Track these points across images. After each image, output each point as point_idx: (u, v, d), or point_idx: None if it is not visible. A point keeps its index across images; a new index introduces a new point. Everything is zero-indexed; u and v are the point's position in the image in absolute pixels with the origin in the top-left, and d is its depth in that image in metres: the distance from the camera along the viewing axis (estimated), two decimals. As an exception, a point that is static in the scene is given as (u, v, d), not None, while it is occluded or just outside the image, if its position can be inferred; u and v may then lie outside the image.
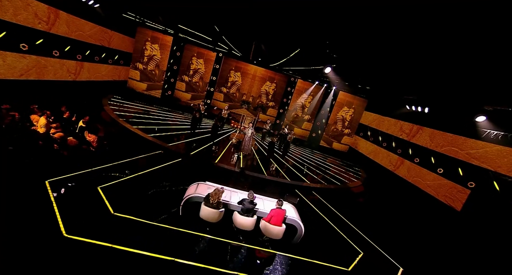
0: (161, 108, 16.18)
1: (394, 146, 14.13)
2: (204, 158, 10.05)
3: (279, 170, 11.35)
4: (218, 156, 10.67)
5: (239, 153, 11.29)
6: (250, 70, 18.72)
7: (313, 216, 8.19)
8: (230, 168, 9.88)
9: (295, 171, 11.86)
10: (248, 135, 10.97)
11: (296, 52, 10.96)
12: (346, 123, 18.43)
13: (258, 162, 11.62)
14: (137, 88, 16.76)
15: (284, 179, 10.46)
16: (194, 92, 18.23)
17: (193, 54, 17.49)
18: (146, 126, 11.40)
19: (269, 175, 10.33)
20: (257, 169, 10.72)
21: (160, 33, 15.97)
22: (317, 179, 11.66)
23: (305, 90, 18.70)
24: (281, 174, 10.91)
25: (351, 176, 13.90)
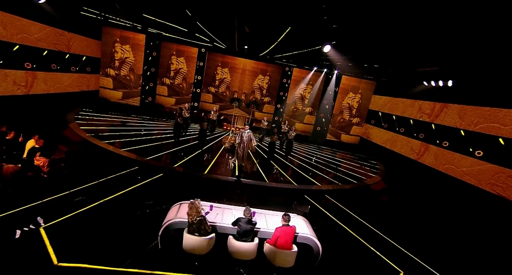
0: (141, 117, 14.98)
1: (414, 131, 12.83)
2: (191, 170, 8.81)
3: (283, 174, 10.09)
4: (208, 166, 9.42)
5: (234, 159, 10.05)
6: (238, 64, 17.53)
7: (330, 226, 6.90)
8: (223, 178, 8.63)
9: (302, 173, 10.59)
10: (243, 139, 9.69)
11: (287, 32, 9.72)
12: (353, 111, 17.14)
13: (258, 167, 10.37)
14: (111, 97, 15.58)
15: (290, 185, 9.19)
16: (178, 95, 17.04)
17: (171, 53, 16.32)
18: (121, 140, 10.20)
19: (271, 182, 9.08)
20: (257, 175, 9.46)
21: (129, 32, 14.83)
22: (328, 179, 10.38)
23: (303, 79, 17.47)
24: (286, 178, 9.65)
25: (367, 171, 12.60)
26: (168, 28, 12.66)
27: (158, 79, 16.45)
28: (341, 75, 16.56)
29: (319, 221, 6.86)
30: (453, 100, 10.69)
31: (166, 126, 13.94)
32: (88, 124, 11.16)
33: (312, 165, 12.03)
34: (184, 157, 9.77)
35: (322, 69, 16.58)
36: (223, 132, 15.95)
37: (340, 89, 16.77)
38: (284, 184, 9.17)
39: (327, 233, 6.38)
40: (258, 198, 7.92)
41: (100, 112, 13.66)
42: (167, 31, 13.92)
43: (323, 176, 10.77)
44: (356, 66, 13.20)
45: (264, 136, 14.83)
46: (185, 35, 14.10)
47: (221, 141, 13.11)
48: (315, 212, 7.50)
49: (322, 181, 10.14)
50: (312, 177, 10.24)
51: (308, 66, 16.79)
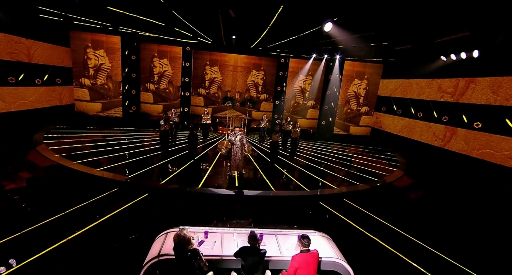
0: (125, 129, 13.82)
1: (435, 114, 11.62)
2: (181, 186, 7.62)
3: (291, 178, 8.89)
4: (203, 178, 8.23)
5: (232, 168, 8.87)
6: (229, 61, 16.41)
7: (357, 239, 5.69)
8: (220, 192, 7.44)
9: (312, 175, 9.39)
10: (236, 144, 8.52)
11: (280, 13, 8.56)
12: (361, 99, 15.95)
13: (261, 173, 9.17)
14: (89, 110, 14.43)
15: (301, 191, 8.00)
16: (166, 101, 15.90)
17: (153, 55, 15.21)
18: (98, 157, 9.04)
19: (278, 190, 7.88)
20: (261, 183, 8.26)
21: (102, 34, 13.71)
22: (342, 179, 9.19)
23: (301, 70, 16.31)
24: (295, 183, 8.46)
25: (385, 165, 11.37)
26: (142, 25, 11.54)
27: (141, 85, 15.31)
28: (344, 60, 15.40)
29: (342, 236, 5.65)
30: (481, 73, 9.49)
31: (154, 137, 12.77)
32: (60, 143, 9.99)
33: (322, 165, 10.82)
34: (174, 170, 8.59)
35: (322, 56, 15.42)
36: (219, 137, 14.79)
37: (344, 76, 15.59)
38: (294, 191, 7.97)
39: (354, 248, 5.16)
40: (265, 212, 6.74)
41: (76, 128, 12.50)
42: (142, 29, 12.79)
43: (336, 175, 9.57)
44: (362, 46, 11.98)
45: (265, 137, 13.62)
46: (164, 32, 12.97)
47: (216, 147, 11.92)
48: (335, 223, 6.32)
49: (336, 181, 8.95)
50: (324, 178, 9.05)
51: (306, 55, 15.64)
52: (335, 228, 5.91)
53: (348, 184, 8.85)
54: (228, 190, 7.58)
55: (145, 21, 10.91)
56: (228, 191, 7.55)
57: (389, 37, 9.80)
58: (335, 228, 5.91)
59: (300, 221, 6.27)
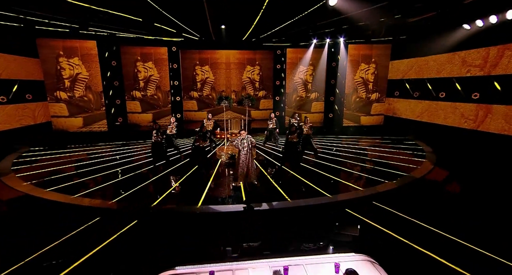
0: (111, 144, 12.34)
1: (461, 92, 10.21)
2: (177, 207, 6.17)
3: (307, 183, 7.45)
4: (202, 193, 6.77)
5: (237, 180, 7.40)
6: (220, 58, 15.02)
7: (407, 257, 4.27)
8: (225, 209, 6.01)
9: (330, 175, 7.96)
10: (244, 150, 7.07)
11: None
12: (370, 86, 14.51)
13: (272, 181, 7.71)
14: (69, 127, 12.93)
15: (322, 198, 6.57)
16: (155, 108, 14.46)
17: (136, 59, 13.77)
18: (79, 180, 7.58)
19: (294, 201, 6.44)
20: (273, 193, 6.82)
21: (74, 40, 12.20)
22: (364, 177, 7.76)
23: (301, 60, 14.90)
24: (314, 189, 7.03)
25: (409, 156, 9.94)
26: (116, 21, 10.06)
27: (126, 94, 13.86)
28: (348, 44, 13.95)
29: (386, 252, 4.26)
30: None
31: (146, 149, 11.30)
32: (32, 169, 8.51)
33: (337, 161, 9.39)
34: (173, 186, 7.13)
35: (324, 41, 13.95)
36: (218, 142, 13.37)
37: (349, 61, 14.14)
38: (315, 199, 6.53)
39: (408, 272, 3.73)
40: (283, 228, 5.35)
41: (55, 148, 11.00)
42: (118, 29, 11.31)
43: (358, 174, 8.14)
44: (370, 23, 10.49)
45: (277, 138, 12.04)
46: (144, 30, 11.48)
47: (215, 155, 10.50)
48: (370, 234, 4.96)
49: (358, 181, 7.52)
50: (344, 179, 7.62)
51: (304, 42, 14.22)
52: (371, 241, 4.55)
53: (372, 184, 7.40)
54: (234, 206, 6.16)
55: (118, 17, 9.45)
56: (234, 207, 6.13)
57: (406, 4, 8.35)
58: (371, 241, 4.55)
59: (328, 236, 4.90)
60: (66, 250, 4.41)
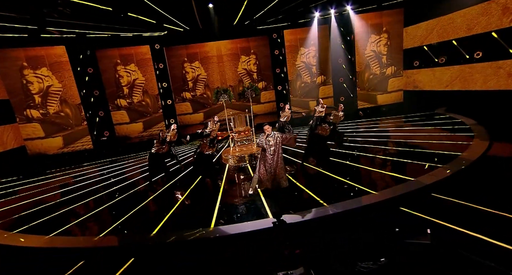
0: (99, 162, 10.64)
1: (505, 46, 8.50)
2: (183, 234, 4.48)
3: (341, 181, 5.76)
4: (213, 211, 5.06)
5: (253, 188, 5.72)
6: (210, 51, 13.35)
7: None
8: (248, 229, 4.33)
9: (364, 167, 6.28)
10: (269, 148, 5.39)
11: None
12: (383, 59, 12.75)
13: (297, 183, 6.01)
14: (48, 149, 11.15)
15: (364, 197, 4.89)
16: (145, 116, 12.75)
17: (115, 62, 12.05)
18: (59, 212, 5.87)
19: (334, 205, 4.76)
20: (302, 198, 5.15)
21: (38, 48, 10.40)
22: (406, 166, 6.07)
23: (302, 42, 13.20)
24: (349, 187, 5.35)
25: (450, 133, 8.21)
26: (81, 15, 8.32)
27: (110, 103, 12.14)
28: (356, 14, 12.13)
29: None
30: None
31: (139, 164, 9.60)
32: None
33: (367, 149, 7.71)
34: (179, 200, 5.43)
35: (328, 12, 12.16)
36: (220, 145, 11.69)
37: (357, 34, 12.38)
38: (356, 200, 4.84)
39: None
40: (329, 246, 3.79)
41: (31, 176, 9.28)
42: (86, 26, 9.50)
43: (394, 160, 6.44)
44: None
45: (291, 132, 10.23)
46: (116, 23, 9.66)
47: (219, 160, 8.83)
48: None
49: (399, 171, 5.82)
50: (383, 169, 5.92)
51: (304, 18, 12.48)
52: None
53: (419, 172, 5.69)
54: (259, 223, 4.50)
55: (82, 8, 7.70)
56: (259, 223, 4.47)
57: None
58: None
59: (388, 249, 3.36)
60: None
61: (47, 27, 8.64)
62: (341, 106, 8.27)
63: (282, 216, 3.75)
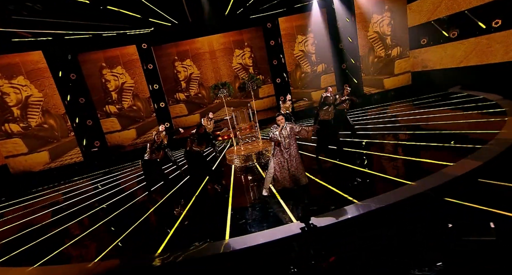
0: (91, 176, 9.69)
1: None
2: (191, 252, 3.58)
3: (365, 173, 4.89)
4: (226, 221, 4.16)
5: (267, 186, 4.86)
6: (202, 47, 12.47)
7: None
8: (271, 238, 3.45)
9: (389, 155, 5.43)
10: (284, 140, 4.57)
11: None
12: (388, 40, 11.91)
13: (316, 180, 5.14)
14: (33, 166, 10.15)
15: (400, 189, 4.02)
16: (137, 122, 11.81)
17: (100, 66, 11.11)
18: (44, 237, 4.93)
19: (366, 201, 3.89)
20: (327, 195, 4.27)
21: (11, 55, 9.43)
22: (435, 151, 5.22)
23: (299, 29, 12.34)
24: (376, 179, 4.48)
25: (479, 116, 7.37)
26: (54, 12, 7.37)
27: (98, 111, 11.19)
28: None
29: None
30: None
31: (135, 173, 8.68)
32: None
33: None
34: (177, 218, 4.52)
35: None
36: (222, 145, 10.80)
37: (357, 16, 11.53)
38: (391, 194, 3.97)
39: None
40: (370, 252, 2.95)
41: (14, 197, 8.32)
42: (61, 25, 8.51)
43: (420, 146, 5.59)
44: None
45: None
46: (96, 19, 8.72)
47: (221, 162, 7.96)
48: None
49: (429, 157, 4.96)
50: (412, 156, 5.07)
51: (301, 2, 11.62)
52: None
53: (453, 158, 4.83)
54: (282, 229, 3.66)
55: (56, 2, 6.76)
56: (283, 230, 3.63)
57: None
58: None
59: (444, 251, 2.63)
60: None
61: (16, 29, 7.65)
62: (347, 90, 7.43)
63: (310, 220, 3.00)
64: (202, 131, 5.90)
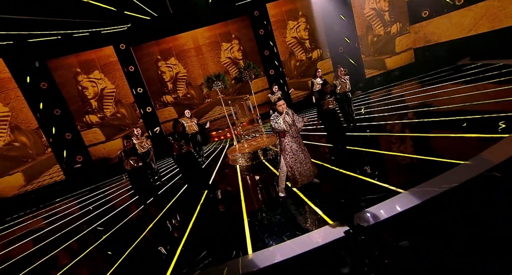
0: (75, 195, 8.52)
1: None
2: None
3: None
4: (244, 233, 3.14)
5: (282, 187, 3.92)
6: (186, 44, 11.50)
7: None
8: (307, 247, 2.47)
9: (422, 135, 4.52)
10: (290, 128, 3.69)
11: None
12: (386, 16, 11.07)
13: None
14: (6, 191, 8.72)
15: (453, 170, 3.08)
16: (123, 130, 10.66)
17: (74, 71, 9.97)
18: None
19: (412, 189, 2.93)
20: (362, 190, 3.31)
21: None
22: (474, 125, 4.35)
23: (289, 14, 11.43)
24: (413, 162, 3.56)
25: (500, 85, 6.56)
26: (8, 7, 6.20)
27: (77, 122, 10.00)
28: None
29: None
30: None
31: (125, 188, 7.59)
32: None
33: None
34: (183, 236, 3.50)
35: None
36: (218, 146, 9.76)
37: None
38: (444, 177, 3.02)
39: None
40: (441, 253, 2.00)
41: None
42: (21, 24, 7.27)
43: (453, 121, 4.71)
44: None
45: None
46: (59, 15, 7.51)
47: (219, 164, 6.96)
48: None
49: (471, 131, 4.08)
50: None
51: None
52: None
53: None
54: (321, 234, 2.72)
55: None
56: (321, 234, 2.71)
57: None
58: None
59: None
60: None
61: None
62: (341, 70, 6.60)
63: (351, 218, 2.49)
64: (181, 129, 4.96)
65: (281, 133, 3.68)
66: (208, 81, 6.83)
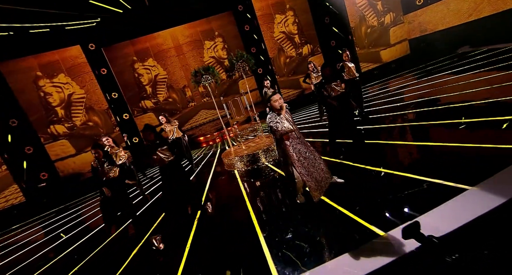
0: (38, 219, 7.10)
1: None
2: None
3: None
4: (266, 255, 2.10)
5: (300, 193, 2.95)
6: (165, 43, 10.49)
7: None
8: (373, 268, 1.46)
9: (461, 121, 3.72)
10: (291, 123, 2.77)
11: None
12: (379, 5, 10.50)
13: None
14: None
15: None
16: (97, 140, 9.33)
17: (34, 75, 8.63)
18: None
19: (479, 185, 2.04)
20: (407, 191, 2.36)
21: None
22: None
23: (276, 7, 10.67)
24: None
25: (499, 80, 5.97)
26: None
27: (40, 134, 8.60)
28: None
29: None
30: None
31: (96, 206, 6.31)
32: None
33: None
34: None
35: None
36: (208, 152, 8.65)
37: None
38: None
39: None
40: None
41: None
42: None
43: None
44: None
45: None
46: (13, 2, 6.23)
47: (212, 170, 5.91)
48: None
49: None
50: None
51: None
52: None
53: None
54: (377, 249, 1.72)
55: None
56: (379, 250, 1.69)
57: None
58: None
59: None
60: None
61: None
62: (347, 53, 5.90)
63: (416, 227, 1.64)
64: (153, 137, 3.80)
65: (285, 136, 2.71)
66: (196, 75, 5.80)
